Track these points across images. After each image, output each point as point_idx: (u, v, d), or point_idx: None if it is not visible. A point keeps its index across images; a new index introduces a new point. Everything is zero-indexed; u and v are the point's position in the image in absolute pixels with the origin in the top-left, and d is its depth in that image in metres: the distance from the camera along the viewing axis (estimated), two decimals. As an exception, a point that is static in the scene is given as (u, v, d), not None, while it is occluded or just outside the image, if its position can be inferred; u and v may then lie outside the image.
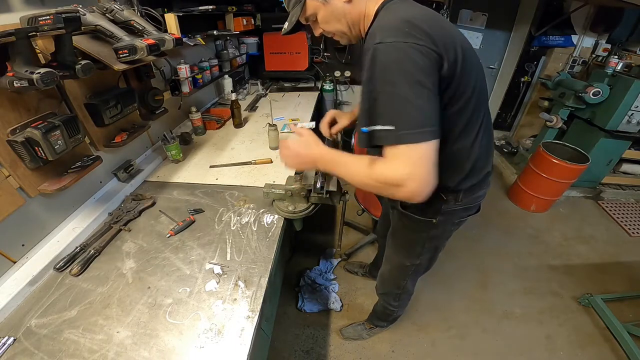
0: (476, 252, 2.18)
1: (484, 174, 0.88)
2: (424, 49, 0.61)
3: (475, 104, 0.74)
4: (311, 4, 0.79)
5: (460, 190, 0.87)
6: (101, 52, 0.95)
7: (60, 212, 1.04)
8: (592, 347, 1.63)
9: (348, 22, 0.80)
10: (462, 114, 0.74)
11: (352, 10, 0.77)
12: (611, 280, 2.02)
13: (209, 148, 1.62)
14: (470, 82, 0.71)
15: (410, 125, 0.60)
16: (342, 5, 0.77)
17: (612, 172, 2.74)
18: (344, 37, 0.85)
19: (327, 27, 0.83)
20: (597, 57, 2.79)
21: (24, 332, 0.75)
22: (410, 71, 0.60)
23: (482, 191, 0.93)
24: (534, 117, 3.19)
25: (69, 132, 0.90)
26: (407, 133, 0.60)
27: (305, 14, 0.81)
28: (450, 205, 0.89)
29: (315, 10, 0.80)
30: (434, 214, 0.92)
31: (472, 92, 0.72)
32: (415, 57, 0.60)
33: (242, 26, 1.96)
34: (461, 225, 1.01)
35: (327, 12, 0.79)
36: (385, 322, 1.59)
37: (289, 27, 0.86)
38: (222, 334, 0.74)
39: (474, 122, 0.77)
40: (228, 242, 1.01)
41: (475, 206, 0.97)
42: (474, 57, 0.73)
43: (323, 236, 2.28)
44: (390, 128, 0.61)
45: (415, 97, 0.60)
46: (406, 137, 0.60)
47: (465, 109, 0.73)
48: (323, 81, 2.78)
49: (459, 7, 2.81)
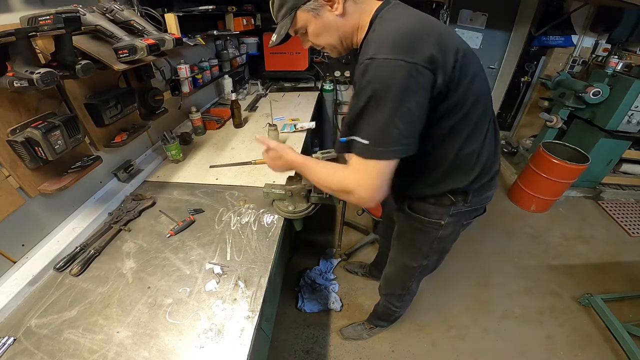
0: (476, 252, 2.18)
1: (492, 174, 0.89)
2: (416, 67, 0.61)
3: (483, 107, 0.74)
4: (302, 16, 0.76)
5: (469, 191, 0.87)
6: (101, 52, 0.95)
7: (60, 212, 1.04)
8: (592, 347, 1.63)
9: (340, 35, 0.77)
10: (469, 119, 0.73)
11: (345, 23, 0.75)
12: (611, 280, 2.02)
13: (209, 148, 1.62)
14: (473, 86, 0.70)
15: (384, 143, 0.64)
16: (335, 18, 0.74)
17: (612, 172, 2.74)
18: (334, 51, 0.83)
19: (318, 41, 0.80)
20: (597, 57, 2.79)
21: (24, 332, 0.75)
22: (397, 91, 0.61)
23: (490, 192, 0.93)
24: (534, 117, 3.19)
25: (69, 132, 0.90)
26: (379, 150, 0.65)
27: (295, 26, 0.78)
28: (458, 206, 0.89)
29: (306, 22, 0.77)
30: (442, 215, 0.92)
31: (477, 96, 0.72)
32: (404, 77, 0.60)
33: (242, 26, 1.96)
34: (468, 226, 1.01)
35: (318, 25, 0.76)
36: (385, 322, 1.59)
37: (277, 40, 0.83)
38: (222, 334, 0.74)
39: (482, 126, 0.78)
40: (228, 242, 1.01)
41: (483, 207, 0.97)
42: (475, 61, 0.72)
43: (323, 236, 2.28)
44: (366, 142, 0.65)
45: (396, 117, 0.62)
46: (377, 153, 0.65)
47: (472, 113, 0.73)
48: (323, 81, 2.78)
49: (459, 7, 2.81)
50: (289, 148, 0.93)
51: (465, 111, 0.72)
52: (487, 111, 0.78)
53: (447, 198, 0.88)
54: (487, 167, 0.84)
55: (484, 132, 0.79)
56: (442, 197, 0.88)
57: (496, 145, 0.87)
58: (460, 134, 0.75)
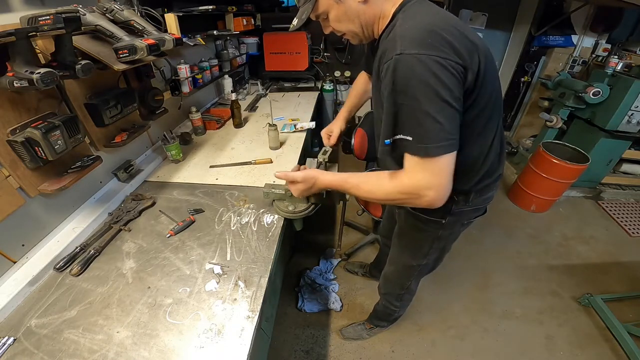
0: (476, 252, 2.18)
1: (496, 177, 0.88)
2: (449, 62, 0.60)
3: (493, 109, 0.74)
4: (323, 1, 0.75)
5: (472, 191, 0.86)
6: (101, 52, 0.95)
7: (60, 212, 1.04)
8: (592, 347, 1.62)
9: (361, 23, 0.76)
10: (480, 119, 0.73)
11: (367, 10, 0.74)
12: (611, 280, 2.02)
13: (209, 148, 1.62)
14: (488, 88, 0.70)
15: (430, 139, 0.62)
16: (357, 5, 0.73)
17: (612, 172, 2.73)
18: (355, 38, 0.82)
19: (339, 27, 0.80)
20: (597, 57, 2.79)
21: (24, 332, 0.75)
22: (433, 87, 0.60)
23: (492, 192, 0.92)
24: (534, 117, 3.19)
25: (69, 132, 0.90)
26: (428, 147, 0.63)
27: (316, 11, 0.78)
28: (460, 206, 0.89)
29: (328, 8, 0.76)
30: (443, 214, 0.91)
31: (489, 97, 0.71)
32: (438, 73, 0.59)
33: (242, 26, 1.96)
34: (469, 226, 1.01)
35: (340, 11, 0.76)
36: (385, 322, 1.59)
37: (298, 24, 0.82)
38: (222, 334, 0.74)
39: (491, 127, 0.77)
40: (228, 242, 1.01)
41: (484, 207, 0.96)
42: (493, 63, 0.72)
43: (323, 236, 2.28)
44: (410, 139, 0.64)
45: (436, 113, 0.61)
46: (427, 150, 0.63)
47: (483, 114, 0.72)
48: (323, 81, 2.78)
49: (459, 7, 2.81)
50: (317, 172, 0.89)
51: (477, 111, 0.71)
52: (498, 112, 0.78)
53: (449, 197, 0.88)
54: (491, 170, 0.84)
55: (492, 134, 0.78)
56: None
57: (502, 148, 0.85)
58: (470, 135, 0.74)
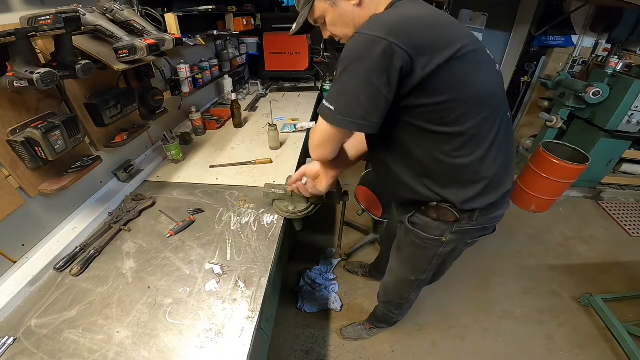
0: (476, 252, 2.17)
1: (503, 193, 0.81)
2: (392, 47, 0.59)
3: (487, 113, 0.69)
4: (319, 5, 0.76)
5: (475, 209, 0.81)
6: (101, 52, 0.95)
7: (60, 212, 1.04)
8: (592, 347, 1.63)
9: (356, 26, 0.75)
10: (464, 124, 0.68)
11: (361, 13, 0.74)
12: (611, 280, 2.02)
13: (209, 148, 1.62)
14: (470, 88, 0.66)
15: (344, 113, 0.67)
16: (352, 8, 0.74)
17: (612, 172, 2.73)
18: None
19: (335, 31, 0.81)
20: (597, 57, 2.79)
21: (24, 332, 0.75)
22: (365, 65, 0.61)
23: (501, 211, 0.86)
24: (534, 117, 3.19)
25: (69, 132, 0.90)
26: (339, 118, 0.68)
27: (313, 15, 0.79)
28: (463, 224, 0.84)
29: (324, 12, 0.77)
30: (443, 232, 0.87)
31: (475, 99, 0.67)
32: (375, 53, 0.60)
33: (242, 26, 1.96)
34: (474, 244, 0.96)
35: (335, 15, 0.76)
36: (385, 325, 1.58)
37: (296, 28, 0.84)
38: (222, 334, 0.74)
39: (483, 134, 0.71)
40: (228, 242, 1.01)
41: (492, 226, 0.90)
42: (483, 62, 0.69)
43: (323, 236, 2.28)
44: (331, 108, 0.69)
45: (360, 92, 0.64)
46: (337, 121, 0.69)
47: (466, 118, 0.68)
48: (323, 81, 2.77)
49: (459, 7, 2.81)
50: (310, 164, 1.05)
51: (458, 114, 0.67)
52: (493, 118, 0.72)
53: (450, 213, 0.82)
54: (495, 182, 0.78)
55: (487, 143, 0.73)
56: (445, 211, 0.83)
57: (508, 160, 0.79)
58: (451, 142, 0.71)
